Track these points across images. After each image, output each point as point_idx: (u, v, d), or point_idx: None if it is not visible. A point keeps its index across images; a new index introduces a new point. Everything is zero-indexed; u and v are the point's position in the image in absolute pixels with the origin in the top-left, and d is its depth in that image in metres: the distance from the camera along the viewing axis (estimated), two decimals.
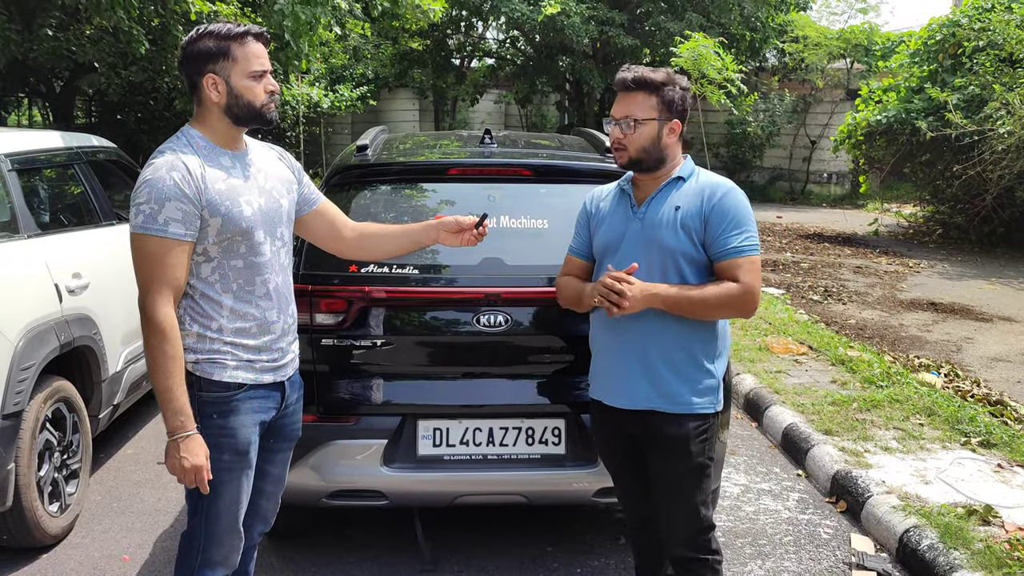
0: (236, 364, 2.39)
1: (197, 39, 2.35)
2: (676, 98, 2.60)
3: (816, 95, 20.89)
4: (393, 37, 18.23)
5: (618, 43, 18.03)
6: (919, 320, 8.36)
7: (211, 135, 2.39)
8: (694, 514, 2.64)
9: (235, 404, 2.38)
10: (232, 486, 2.41)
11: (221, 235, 2.33)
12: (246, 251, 2.38)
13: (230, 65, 2.33)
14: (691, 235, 2.57)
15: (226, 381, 2.37)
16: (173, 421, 2.25)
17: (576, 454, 3.30)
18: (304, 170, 2.69)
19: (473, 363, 3.34)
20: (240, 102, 2.36)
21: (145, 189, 2.27)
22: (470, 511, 3.89)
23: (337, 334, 3.22)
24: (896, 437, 4.83)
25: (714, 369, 2.66)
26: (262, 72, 2.37)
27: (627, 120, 2.59)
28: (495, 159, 3.70)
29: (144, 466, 4.63)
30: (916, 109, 12.62)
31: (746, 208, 2.59)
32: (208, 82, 2.34)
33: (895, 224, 15.13)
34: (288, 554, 3.69)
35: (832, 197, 20.16)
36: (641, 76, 2.58)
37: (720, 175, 2.70)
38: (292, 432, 2.68)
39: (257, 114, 2.39)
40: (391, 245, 2.78)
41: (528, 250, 3.41)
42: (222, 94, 2.35)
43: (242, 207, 2.35)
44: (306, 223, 2.68)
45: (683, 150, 2.73)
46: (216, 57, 2.33)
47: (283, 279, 2.52)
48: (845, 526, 4.09)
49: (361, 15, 11.55)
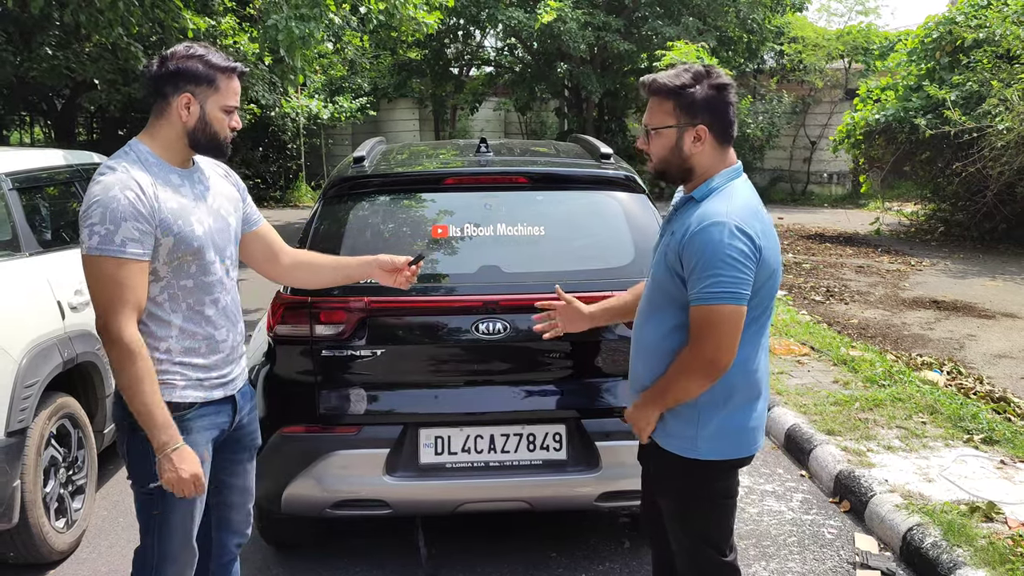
0: (185, 384, 2.36)
1: (187, 57, 2.32)
2: (699, 99, 2.29)
3: (815, 96, 20.92)
4: (391, 48, 18.29)
5: (615, 48, 18.09)
6: (921, 318, 8.36)
7: (162, 152, 2.36)
8: (693, 549, 2.51)
9: (186, 424, 2.35)
10: (184, 504, 2.38)
11: (172, 255, 2.30)
12: (196, 271, 2.36)
13: (211, 93, 2.33)
14: (672, 270, 2.33)
15: (176, 402, 2.33)
16: (161, 436, 2.23)
17: (577, 459, 3.32)
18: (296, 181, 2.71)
19: (473, 371, 3.36)
20: (208, 130, 2.35)
21: (98, 209, 2.21)
22: (473, 518, 3.90)
23: (337, 345, 3.24)
24: (899, 436, 4.83)
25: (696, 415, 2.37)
26: (233, 108, 2.38)
27: (647, 127, 2.40)
28: (491, 168, 3.72)
29: None
30: (915, 107, 12.64)
31: (715, 247, 2.21)
32: (182, 101, 2.31)
33: (896, 223, 15.13)
34: (293, 564, 3.71)
35: (833, 197, 20.16)
36: (656, 80, 2.35)
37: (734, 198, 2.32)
38: (251, 442, 2.66)
39: (217, 146, 2.39)
40: (325, 276, 2.80)
41: (525, 257, 3.43)
42: (192, 116, 2.33)
43: (193, 226, 2.33)
44: (244, 244, 2.64)
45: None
46: (200, 80, 2.32)
47: (232, 297, 2.50)
48: (849, 526, 4.10)
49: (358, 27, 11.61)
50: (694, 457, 2.40)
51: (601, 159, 3.83)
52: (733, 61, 19.13)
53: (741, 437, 2.42)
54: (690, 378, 2.30)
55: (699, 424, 2.38)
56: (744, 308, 2.25)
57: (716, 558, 2.50)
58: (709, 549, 2.50)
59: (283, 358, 3.33)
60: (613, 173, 3.66)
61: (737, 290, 2.22)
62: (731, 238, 2.22)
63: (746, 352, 2.34)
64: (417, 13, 9.84)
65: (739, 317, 2.25)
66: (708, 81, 2.30)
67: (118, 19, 8.74)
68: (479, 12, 18.35)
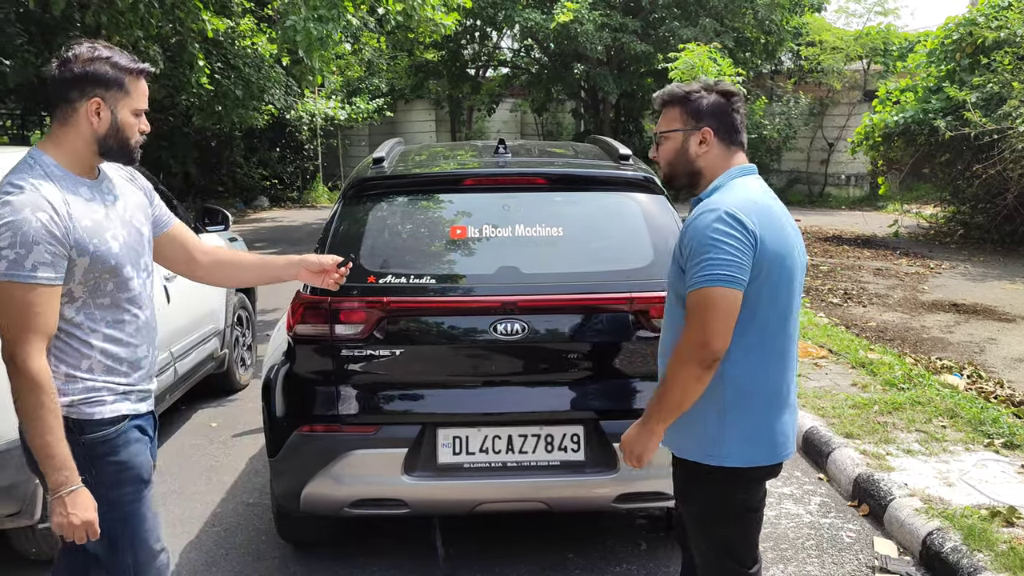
0: (114, 398, 2.28)
1: (93, 59, 2.19)
2: (705, 103, 2.38)
3: (833, 97, 20.81)
4: (408, 49, 18.35)
5: (632, 49, 18.06)
6: (941, 321, 8.30)
7: (68, 162, 2.23)
8: (704, 561, 2.51)
9: (124, 436, 2.28)
10: (146, 512, 2.34)
11: (88, 275, 2.19)
12: (114, 288, 2.26)
13: (121, 96, 2.22)
14: (678, 266, 2.36)
15: (109, 417, 2.26)
16: (56, 477, 2.11)
17: (596, 460, 3.32)
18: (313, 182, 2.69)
19: (491, 371, 3.36)
20: (119, 136, 2.24)
21: (6, 232, 2.06)
22: (490, 518, 3.91)
23: (355, 345, 3.25)
24: (918, 440, 4.80)
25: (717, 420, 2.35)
26: (142, 111, 2.29)
27: (656, 136, 2.48)
28: (509, 168, 3.73)
29: (168, 479, 4.68)
30: (934, 109, 12.55)
31: (704, 230, 2.23)
32: (92, 107, 2.19)
33: (915, 225, 15.02)
34: (311, 563, 3.72)
35: (851, 199, 20.05)
36: (666, 92, 2.46)
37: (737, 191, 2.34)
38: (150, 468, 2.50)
39: (128, 151, 2.29)
40: (248, 275, 2.75)
41: (544, 258, 3.43)
42: (103, 122, 2.21)
43: (109, 243, 2.22)
44: (158, 247, 2.52)
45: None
46: (109, 84, 2.20)
47: (151, 312, 2.41)
48: (868, 529, 4.07)
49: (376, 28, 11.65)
50: (716, 464, 2.36)
51: (620, 160, 3.82)
52: (750, 62, 19.06)
53: (763, 444, 2.38)
54: (683, 367, 2.23)
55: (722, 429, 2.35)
56: (739, 292, 2.21)
57: (738, 570, 2.47)
58: (731, 561, 2.46)
59: (302, 357, 3.34)
60: (632, 174, 3.66)
61: (727, 272, 2.19)
62: (719, 222, 2.22)
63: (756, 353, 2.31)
64: (435, 14, 9.87)
65: (732, 300, 2.20)
66: (716, 89, 2.41)
67: (138, 20, 8.81)
68: (496, 13, 18.38)
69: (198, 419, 5.66)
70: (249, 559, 3.79)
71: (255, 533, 4.03)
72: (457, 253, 3.45)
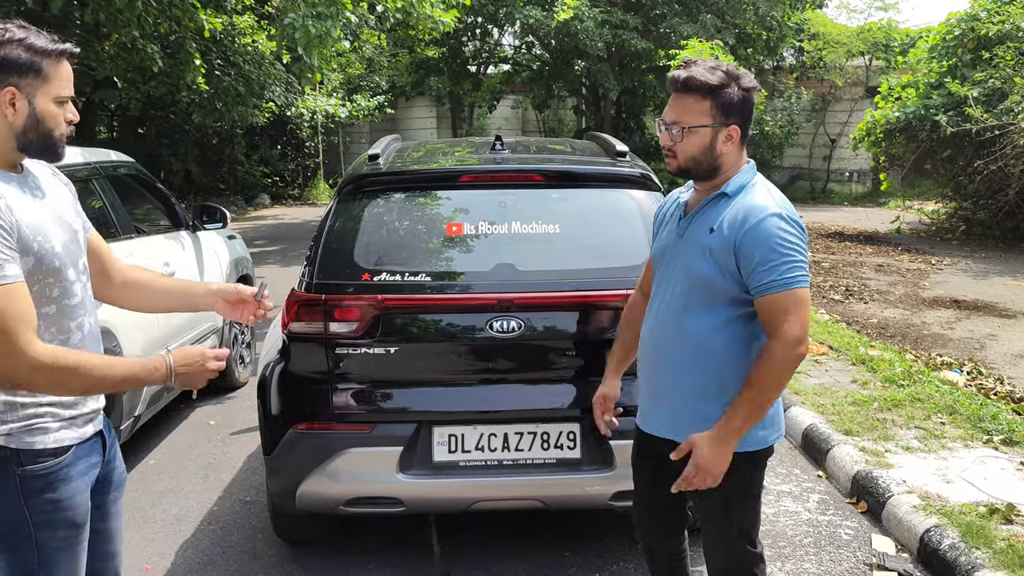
0: (59, 425, 2.00)
1: (3, 43, 1.90)
2: (735, 100, 2.30)
3: (835, 93, 20.79)
4: (409, 46, 18.34)
5: (633, 46, 18.03)
6: (942, 318, 8.28)
7: None
8: (730, 544, 2.52)
9: (65, 471, 2.00)
10: (71, 565, 2.04)
11: (32, 278, 1.92)
12: (59, 294, 1.99)
13: (39, 84, 1.94)
14: (719, 265, 2.33)
15: (52, 447, 1.98)
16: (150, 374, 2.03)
17: (592, 458, 3.31)
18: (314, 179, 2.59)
19: (487, 369, 3.35)
20: (40, 128, 1.97)
21: None
22: (487, 516, 3.90)
23: (351, 342, 3.24)
24: (917, 436, 4.78)
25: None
26: (67, 98, 2.01)
27: (677, 126, 2.33)
28: (506, 165, 3.71)
29: (166, 477, 4.68)
30: (936, 105, 12.52)
31: (780, 236, 2.26)
32: (5, 98, 1.92)
33: (917, 221, 15.00)
34: (306, 561, 3.72)
35: (853, 195, 20.03)
36: (694, 77, 2.29)
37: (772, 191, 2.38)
38: (119, 477, 2.29)
39: (51, 146, 2.01)
40: (163, 301, 2.44)
41: (540, 255, 3.42)
42: (19, 114, 1.94)
43: (52, 243, 1.97)
44: None
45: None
46: (24, 70, 1.92)
47: (95, 319, 2.15)
48: (866, 527, 4.06)
49: (375, 25, 11.64)
50: (741, 450, 2.36)
51: (616, 157, 3.81)
52: (752, 59, 19.03)
53: (775, 422, 2.47)
54: (786, 369, 2.29)
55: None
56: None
57: (751, 550, 2.54)
58: (748, 545, 2.52)
59: (297, 355, 3.33)
60: (628, 171, 3.65)
61: (807, 273, 2.31)
62: (793, 226, 2.30)
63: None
64: (434, 11, 9.86)
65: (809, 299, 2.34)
66: (739, 83, 2.32)
67: (135, 19, 8.80)
68: (496, 10, 18.37)
69: (196, 417, 5.65)
70: (245, 557, 3.78)
71: (252, 531, 4.03)
72: (453, 250, 3.44)
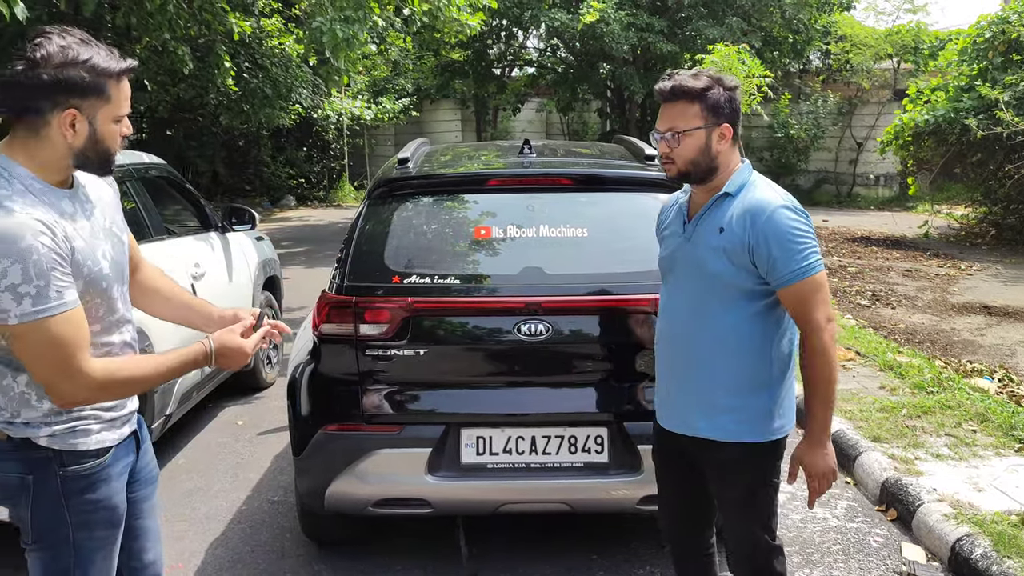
0: (100, 427, 2.06)
1: (67, 64, 1.85)
2: (722, 100, 2.42)
3: (862, 96, 20.60)
4: (434, 49, 18.41)
5: (658, 49, 17.97)
6: (972, 324, 8.18)
7: (42, 173, 1.92)
8: (752, 536, 2.57)
9: (105, 472, 2.06)
10: (105, 564, 2.10)
11: (80, 300, 1.93)
12: (104, 312, 2.03)
13: (100, 104, 1.90)
14: (733, 263, 2.42)
15: (94, 449, 2.03)
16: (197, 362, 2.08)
17: (619, 462, 3.30)
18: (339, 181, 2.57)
19: (515, 372, 3.36)
20: (98, 148, 1.94)
21: (14, 267, 1.78)
22: (514, 519, 3.91)
23: (380, 344, 3.26)
24: (948, 444, 4.73)
25: (768, 396, 2.49)
26: (125, 115, 1.99)
27: (671, 132, 2.44)
28: (534, 169, 3.72)
29: (195, 475, 4.73)
30: (966, 108, 12.37)
31: (792, 226, 2.37)
32: (66, 119, 1.87)
33: (946, 226, 14.83)
34: (334, 561, 3.74)
35: (880, 199, 19.83)
36: (680, 84, 2.42)
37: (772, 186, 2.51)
38: (150, 475, 2.33)
39: (107, 162, 2.00)
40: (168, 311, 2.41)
41: (568, 259, 3.42)
42: (79, 135, 1.90)
43: (100, 264, 1.99)
44: None
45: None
46: (87, 92, 1.87)
47: (133, 327, 2.17)
48: (896, 535, 4.02)
49: (402, 28, 11.70)
50: (762, 440, 2.49)
51: (645, 161, 3.80)
52: (778, 62, 18.91)
53: (789, 412, 2.55)
54: (831, 349, 2.40)
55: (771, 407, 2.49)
56: None
57: (771, 543, 2.58)
58: (768, 537, 2.57)
59: (328, 356, 3.36)
60: (657, 175, 3.63)
61: (820, 257, 2.42)
62: (800, 215, 2.41)
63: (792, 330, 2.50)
64: (460, 15, 9.88)
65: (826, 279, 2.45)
66: (723, 84, 2.45)
67: (167, 22, 8.90)
68: (522, 13, 18.37)
69: (224, 417, 5.71)
70: (274, 556, 3.82)
71: (280, 530, 4.06)
72: (481, 253, 3.46)
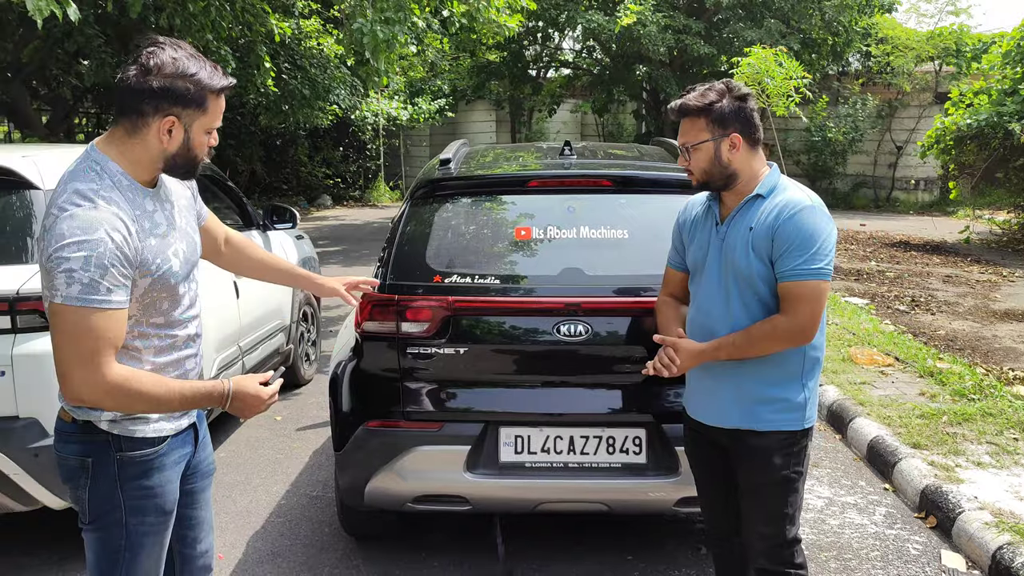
0: (159, 416, 2.14)
1: (176, 75, 1.99)
2: (727, 111, 2.50)
3: (902, 99, 20.33)
4: (471, 50, 18.47)
5: (695, 51, 17.90)
6: (1014, 331, 8.05)
7: (132, 170, 2.05)
8: (778, 527, 2.63)
9: (160, 460, 2.15)
10: (154, 550, 2.18)
11: (146, 294, 2.06)
12: (168, 307, 2.13)
13: (197, 115, 2.04)
14: (762, 256, 2.50)
15: (150, 436, 2.12)
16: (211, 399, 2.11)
17: (657, 463, 3.31)
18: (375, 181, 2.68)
19: (553, 372, 3.38)
20: (188, 154, 2.09)
21: (79, 252, 1.88)
22: (550, 518, 3.93)
23: (421, 342, 3.30)
24: (989, 452, 4.68)
25: (801, 387, 2.58)
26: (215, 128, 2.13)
27: (684, 147, 2.59)
28: (575, 170, 3.74)
29: (236, 469, 4.81)
30: (1009, 112, 12.18)
31: (816, 228, 2.44)
32: (165, 125, 2.01)
33: (988, 232, 14.58)
34: (373, 555, 3.79)
35: (919, 204, 19.57)
36: (684, 103, 2.56)
37: (803, 189, 2.58)
38: (208, 468, 2.41)
39: (193, 169, 2.15)
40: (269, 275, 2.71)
41: (608, 261, 3.44)
42: (174, 141, 2.04)
43: (171, 262, 2.10)
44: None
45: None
46: (188, 102, 2.02)
47: (199, 321, 2.27)
48: (935, 542, 3.99)
49: (439, 30, 11.76)
50: (798, 428, 2.58)
51: None
52: (816, 64, 18.73)
53: (817, 401, 2.67)
54: (776, 344, 2.50)
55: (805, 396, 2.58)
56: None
57: (793, 533, 2.64)
58: (788, 524, 2.63)
59: (369, 354, 3.41)
60: None
61: (831, 268, 2.47)
62: (828, 221, 2.48)
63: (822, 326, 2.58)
64: (499, 16, 9.91)
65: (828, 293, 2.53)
66: (731, 94, 2.53)
67: (209, 23, 9.04)
68: (559, 14, 18.39)
69: (263, 412, 5.78)
70: (313, 550, 3.88)
71: (319, 525, 4.12)
72: (521, 254, 3.48)
